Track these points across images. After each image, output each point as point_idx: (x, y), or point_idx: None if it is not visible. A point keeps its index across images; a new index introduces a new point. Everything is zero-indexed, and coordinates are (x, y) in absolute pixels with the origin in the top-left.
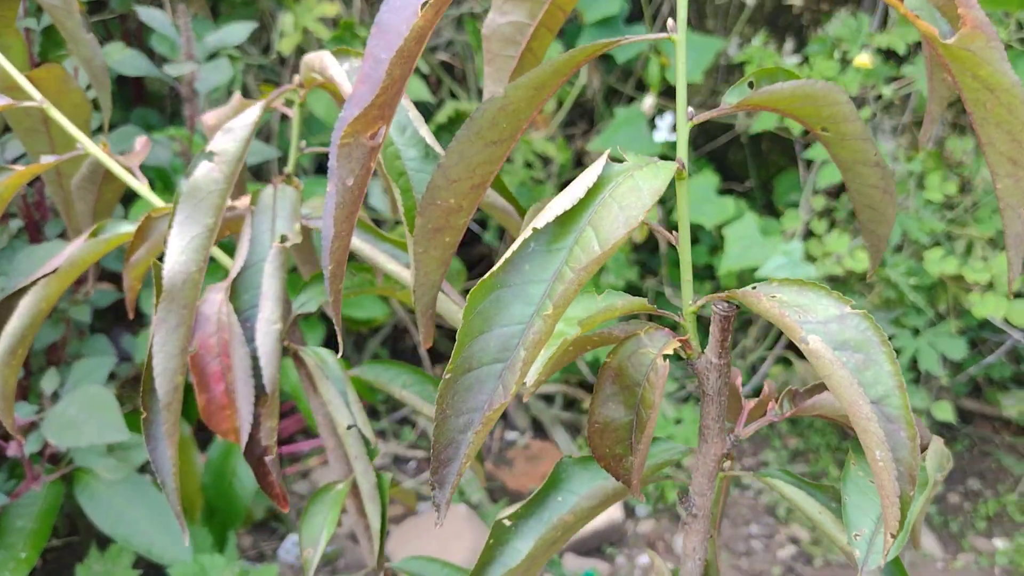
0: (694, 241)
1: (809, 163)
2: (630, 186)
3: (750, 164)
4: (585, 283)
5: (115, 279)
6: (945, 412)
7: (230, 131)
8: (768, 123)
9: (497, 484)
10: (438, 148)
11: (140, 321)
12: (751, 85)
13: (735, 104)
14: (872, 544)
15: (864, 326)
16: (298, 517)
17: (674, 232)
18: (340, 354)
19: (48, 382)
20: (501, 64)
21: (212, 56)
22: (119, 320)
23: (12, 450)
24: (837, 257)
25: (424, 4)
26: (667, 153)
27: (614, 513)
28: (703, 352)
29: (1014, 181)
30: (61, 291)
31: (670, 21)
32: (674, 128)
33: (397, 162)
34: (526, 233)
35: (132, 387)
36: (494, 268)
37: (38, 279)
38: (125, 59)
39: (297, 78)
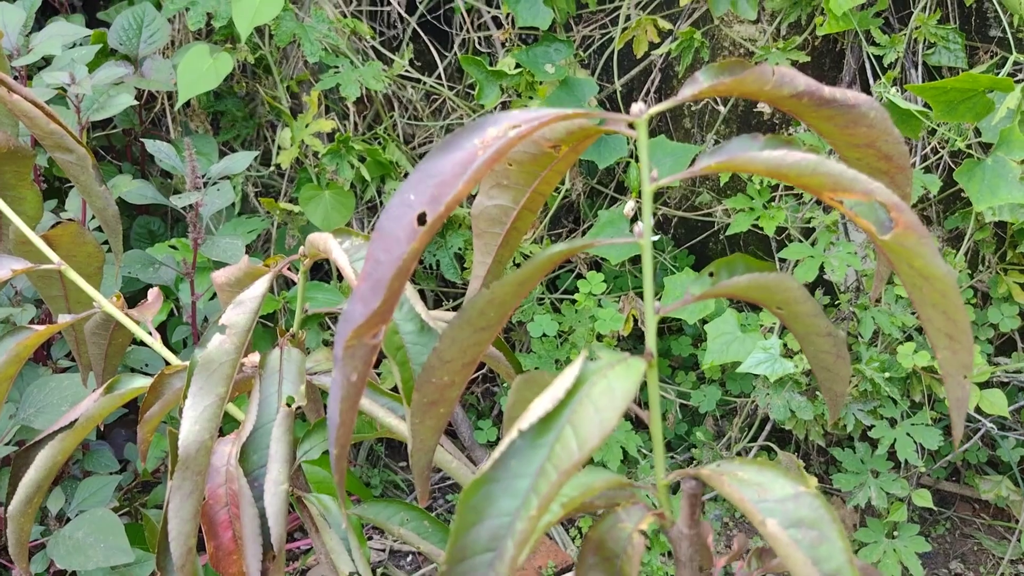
0: (678, 332)
1: (784, 261)
2: (603, 388)
3: None
4: (566, 483)
5: None
6: (925, 499)
7: (240, 304)
8: (743, 225)
9: None
10: (432, 323)
11: None
12: (711, 275)
13: (697, 295)
14: None
15: (817, 504)
16: None
17: (645, 410)
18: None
19: (54, 502)
20: (488, 239)
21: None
22: (119, 423)
23: (17, 572)
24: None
25: (421, 216)
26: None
27: None
28: (675, 522)
29: (952, 353)
30: (76, 444)
31: (637, 226)
32: (653, 228)
33: (395, 336)
34: (512, 434)
35: (132, 495)
36: (484, 466)
37: (55, 432)
38: (134, 190)
39: (303, 249)
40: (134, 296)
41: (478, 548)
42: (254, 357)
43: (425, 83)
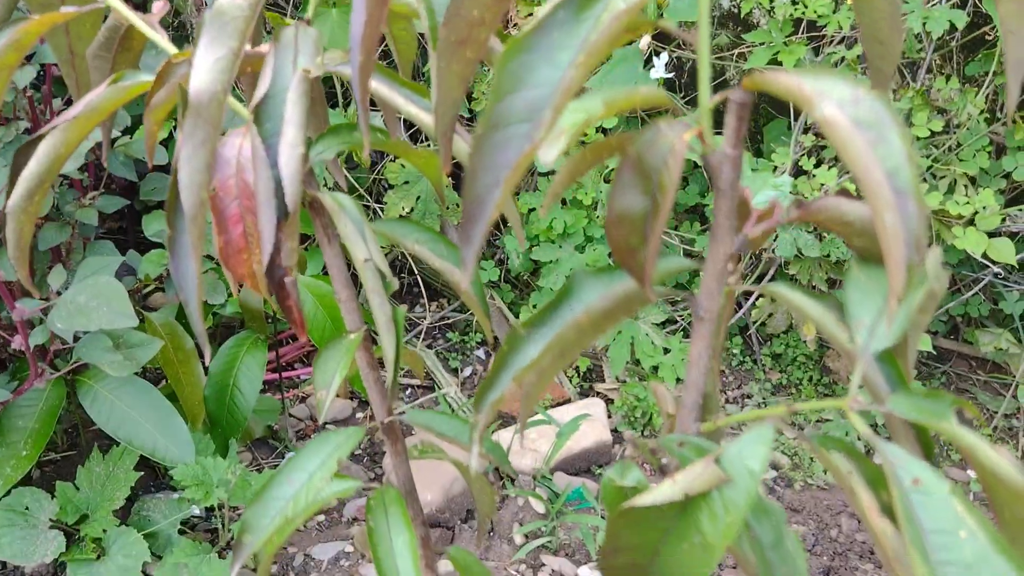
0: (684, 184)
1: (798, 112)
2: None
3: None
4: (614, 41)
5: (122, 190)
6: (924, 343)
7: None
8: (762, 60)
9: None
10: None
11: (142, 243)
12: None
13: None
14: (873, 332)
15: (878, 107)
16: (296, 438)
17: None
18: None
19: (55, 278)
20: None
21: None
22: (123, 234)
23: (17, 343)
24: (825, 191)
25: None
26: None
27: (602, 435)
28: (716, 148)
29: (1017, 6)
30: (81, 137)
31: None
32: (668, 65)
33: None
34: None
35: (134, 300)
36: (524, 30)
37: (57, 124)
38: None
39: None
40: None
41: (514, 118)
42: (266, 45)
43: None
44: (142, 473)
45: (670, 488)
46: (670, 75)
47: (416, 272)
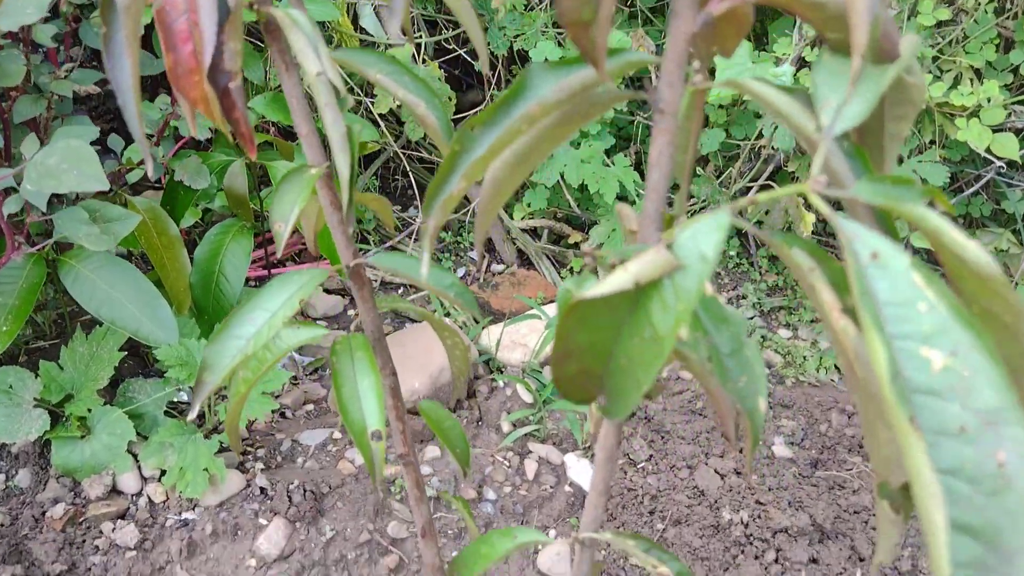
0: None
1: None
2: None
3: None
4: None
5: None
6: (923, 241)
7: None
8: None
9: (482, 303)
10: None
11: (123, 128)
12: None
13: None
14: (839, 113)
15: None
16: None
17: None
18: None
19: (28, 147)
20: None
21: None
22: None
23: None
24: None
25: None
26: None
27: None
28: None
29: None
30: None
31: None
32: None
33: None
34: None
35: (117, 184)
36: None
37: None
38: None
39: None
40: None
41: None
42: None
43: None
44: (126, 353)
45: (621, 276)
46: None
47: (409, 173)
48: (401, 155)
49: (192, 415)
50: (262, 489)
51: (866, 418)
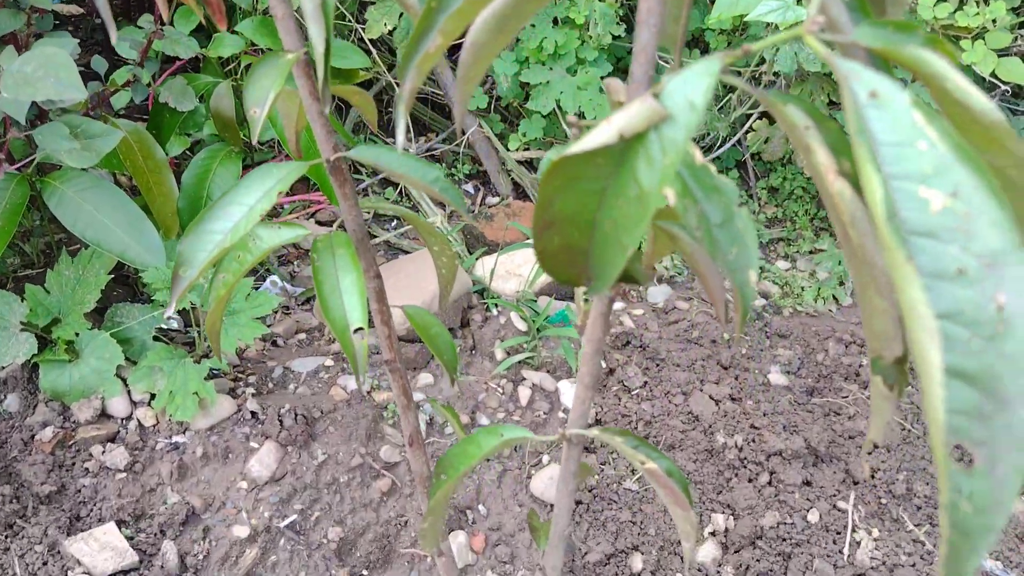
0: None
1: None
2: None
3: None
4: None
5: None
6: None
7: None
8: None
9: (477, 234)
10: None
11: (113, 55)
12: None
13: None
14: None
15: None
16: (278, 263)
17: None
18: None
19: (6, 58)
20: None
21: None
22: (85, 49)
23: None
24: None
25: None
26: None
27: None
28: None
29: None
30: None
31: None
32: None
33: None
34: None
35: (101, 106)
36: None
37: None
38: None
39: None
40: None
41: None
42: None
43: None
44: (112, 277)
45: (605, 129)
46: None
47: None
48: (395, 84)
49: (169, 311)
50: (253, 413)
51: (860, 288)
